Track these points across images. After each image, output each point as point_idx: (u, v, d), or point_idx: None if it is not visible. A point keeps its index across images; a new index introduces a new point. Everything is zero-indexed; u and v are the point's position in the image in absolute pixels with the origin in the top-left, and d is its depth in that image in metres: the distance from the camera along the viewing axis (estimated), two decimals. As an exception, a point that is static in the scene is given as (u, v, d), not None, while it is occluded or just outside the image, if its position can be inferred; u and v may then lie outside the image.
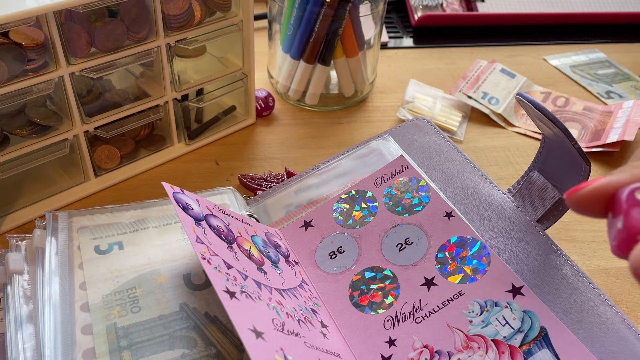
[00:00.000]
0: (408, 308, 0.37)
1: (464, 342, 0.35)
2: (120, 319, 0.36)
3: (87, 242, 0.40)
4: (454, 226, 0.40)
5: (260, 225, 0.43)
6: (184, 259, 0.40)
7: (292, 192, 0.47)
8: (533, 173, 0.42)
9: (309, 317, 0.36)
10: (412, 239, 0.41)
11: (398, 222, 0.42)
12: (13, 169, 0.44)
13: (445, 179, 0.45)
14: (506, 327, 0.35)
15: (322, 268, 0.41)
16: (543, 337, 0.34)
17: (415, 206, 0.42)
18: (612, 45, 0.78)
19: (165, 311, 0.36)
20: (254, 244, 0.40)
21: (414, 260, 0.39)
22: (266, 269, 0.38)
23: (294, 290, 0.38)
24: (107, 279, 0.38)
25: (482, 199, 0.43)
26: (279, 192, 0.47)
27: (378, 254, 0.41)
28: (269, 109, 0.61)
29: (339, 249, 0.42)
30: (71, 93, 0.44)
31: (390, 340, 0.36)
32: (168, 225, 0.43)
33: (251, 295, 0.33)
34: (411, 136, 0.49)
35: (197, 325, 0.36)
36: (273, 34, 0.62)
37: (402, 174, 0.44)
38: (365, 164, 0.47)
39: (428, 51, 0.75)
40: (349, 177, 0.46)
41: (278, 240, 0.42)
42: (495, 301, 0.36)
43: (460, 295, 0.37)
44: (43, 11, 0.39)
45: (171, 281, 0.38)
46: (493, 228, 0.41)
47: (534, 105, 0.39)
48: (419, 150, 0.47)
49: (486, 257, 0.38)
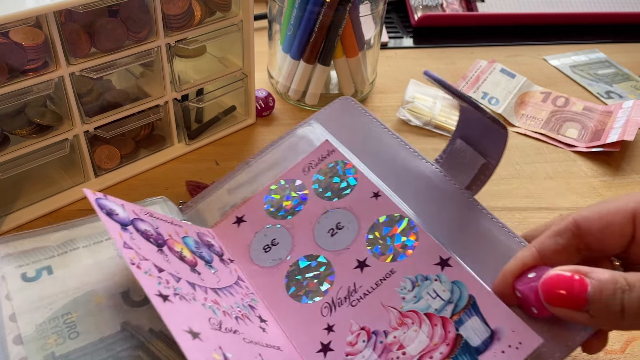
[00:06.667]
0: (344, 292, 0.38)
1: (399, 319, 0.35)
2: (58, 347, 0.34)
3: (12, 270, 0.38)
4: (381, 206, 0.41)
5: (192, 226, 0.42)
6: (119, 276, 0.39)
7: (224, 192, 0.45)
8: (456, 141, 0.42)
9: (246, 313, 0.36)
10: (343, 223, 0.41)
11: (328, 207, 0.42)
12: (13, 169, 0.44)
13: (374, 158, 0.44)
14: (437, 300, 0.35)
15: (257, 263, 0.41)
16: (472, 305, 0.35)
17: (344, 190, 0.42)
18: (612, 45, 0.78)
19: (106, 333, 0.35)
20: (186, 245, 0.39)
21: (346, 244, 0.40)
22: (200, 270, 0.38)
23: (229, 288, 0.38)
24: (39, 307, 0.36)
25: (411, 172, 0.43)
26: (210, 195, 0.46)
27: (311, 241, 0.41)
28: (269, 109, 0.61)
29: (273, 241, 0.41)
30: (71, 93, 0.44)
31: (329, 326, 0.36)
32: (99, 243, 0.41)
33: (185, 297, 0.33)
34: (337, 118, 0.48)
35: (142, 343, 0.35)
36: (273, 34, 0.62)
37: (328, 159, 0.44)
38: (295, 152, 0.46)
39: (428, 51, 0.75)
40: (280, 168, 0.45)
41: (211, 239, 0.42)
42: (425, 275, 0.37)
43: (392, 274, 0.37)
44: (43, 11, 0.39)
45: (109, 301, 0.37)
46: (425, 200, 0.41)
47: (440, 83, 0.39)
48: (346, 131, 0.47)
49: (414, 233, 0.39)
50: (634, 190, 0.53)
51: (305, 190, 0.43)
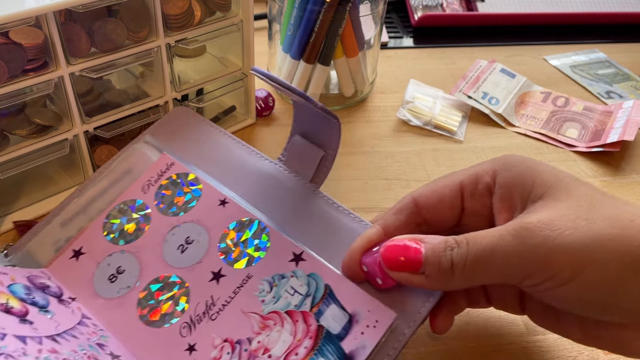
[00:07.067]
0: (202, 308, 0.36)
1: (260, 323, 0.35)
2: None
3: None
4: (230, 212, 0.40)
5: (20, 270, 0.38)
6: None
7: (56, 226, 0.41)
8: (294, 137, 0.42)
9: (94, 354, 0.34)
10: (192, 237, 0.39)
11: (175, 223, 0.40)
12: (13, 169, 0.44)
13: (217, 165, 0.43)
14: (295, 296, 0.36)
15: (103, 296, 0.38)
16: (329, 294, 0.35)
17: (189, 202, 0.41)
18: (612, 45, 0.78)
19: None
20: (13, 294, 0.36)
21: (198, 258, 0.38)
22: (32, 318, 0.34)
23: (72, 330, 0.35)
24: None
25: (257, 174, 0.42)
26: (40, 231, 0.41)
27: (160, 262, 0.39)
28: (269, 109, 0.61)
29: (118, 269, 0.39)
30: (71, 93, 0.44)
31: (190, 346, 0.35)
32: None
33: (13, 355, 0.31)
34: (174, 130, 0.46)
35: None
36: (273, 34, 0.62)
37: (168, 172, 0.42)
38: (131, 172, 0.43)
39: (428, 51, 0.75)
40: (116, 191, 0.42)
41: (46, 280, 0.38)
42: (281, 274, 0.37)
43: (249, 279, 0.37)
44: (43, 11, 0.39)
45: None
46: (273, 200, 0.41)
47: (269, 78, 0.39)
48: (185, 142, 0.45)
49: (266, 234, 0.38)
50: (634, 190, 0.53)
51: (148, 209, 0.41)
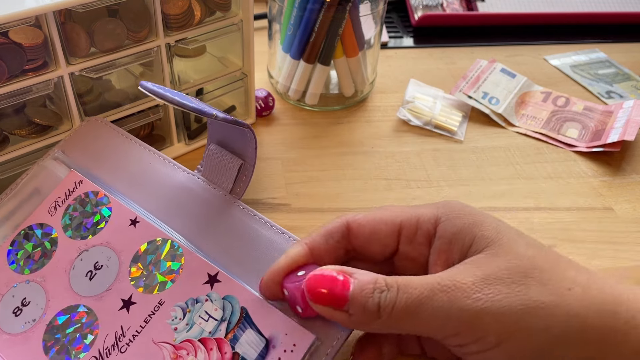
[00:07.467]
0: (111, 340, 0.34)
1: (172, 353, 0.33)
2: None
3: None
4: (141, 233, 0.37)
5: None
6: None
7: None
8: (211, 146, 0.40)
9: None
10: (101, 262, 0.37)
11: (83, 247, 0.37)
12: (13, 169, 0.44)
13: (130, 179, 0.41)
14: (210, 322, 0.34)
15: (7, 331, 0.35)
16: (245, 318, 0.33)
17: (98, 223, 0.38)
18: (613, 45, 0.78)
19: None
20: None
21: (107, 286, 0.36)
22: None
23: None
24: None
25: (172, 187, 0.40)
26: None
27: (68, 291, 0.36)
28: (269, 109, 0.61)
29: (23, 301, 0.36)
30: (71, 93, 0.44)
31: None
32: None
33: None
34: (87, 144, 0.43)
35: None
36: (273, 34, 0.62)
37: (77, 191, 0.39)
38: (39, 192, 0.41)
39: (428, 51, 0.75)
40: (22, 215, 0.40)
41: None
42: (195, 298, 0.34)
43: (161, 305, 0.34)
44: (43, 11, 0.39)
45: None
46: (190, 215, 0.38)
47: (156, 95, 0.37)
48: (98, 156, 0.42)
49: (179, 255, 0.36)
50: (635, 190, 0.53)
51: (55, 233, 0.38)
